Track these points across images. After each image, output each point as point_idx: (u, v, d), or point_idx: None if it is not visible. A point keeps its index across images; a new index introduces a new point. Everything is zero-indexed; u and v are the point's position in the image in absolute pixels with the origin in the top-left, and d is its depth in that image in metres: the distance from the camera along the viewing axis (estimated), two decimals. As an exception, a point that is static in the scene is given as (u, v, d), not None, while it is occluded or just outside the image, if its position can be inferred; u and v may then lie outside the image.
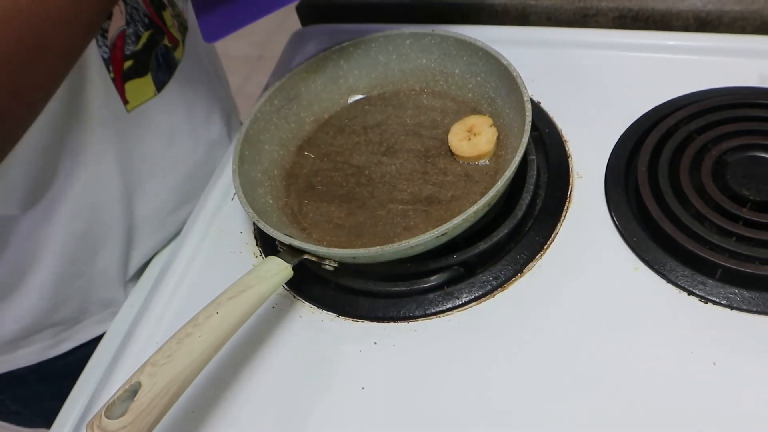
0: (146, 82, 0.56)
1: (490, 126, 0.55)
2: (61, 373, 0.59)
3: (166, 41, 0.58)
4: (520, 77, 0.52)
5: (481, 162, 0.54)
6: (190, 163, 0.65)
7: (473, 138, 0.54)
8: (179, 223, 0.63)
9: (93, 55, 0.50)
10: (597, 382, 0.42)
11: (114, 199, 0.57)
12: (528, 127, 0.48)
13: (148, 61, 0.56)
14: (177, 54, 0.60)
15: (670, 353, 0.43)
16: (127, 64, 0.54)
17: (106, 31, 0.51)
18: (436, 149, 0.56)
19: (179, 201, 0.65)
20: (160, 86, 0.58)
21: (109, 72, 0.52)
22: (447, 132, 0.56)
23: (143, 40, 0.55)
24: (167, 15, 0.58)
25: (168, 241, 0.66)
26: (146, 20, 0.55)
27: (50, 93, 0.41)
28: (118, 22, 0.53)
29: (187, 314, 0.42)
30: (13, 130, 0.40)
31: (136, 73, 0.55)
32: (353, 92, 0.63)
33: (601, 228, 0.50)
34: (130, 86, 0.55)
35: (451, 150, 0.55)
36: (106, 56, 0.52)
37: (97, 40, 0.50)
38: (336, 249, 0.46)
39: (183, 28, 0.62)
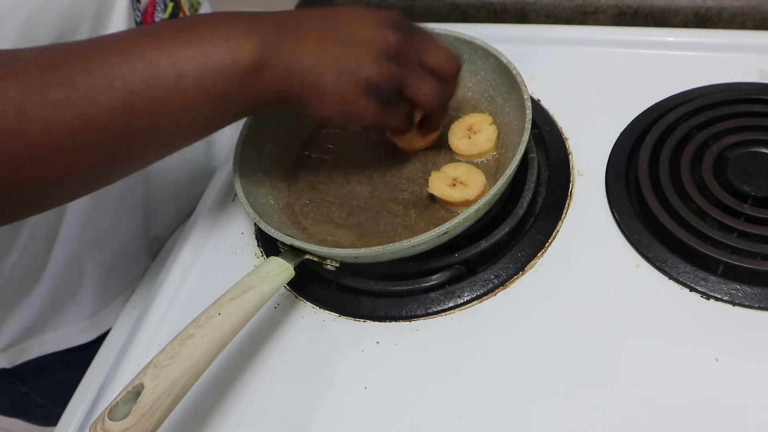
0: None
1: (490, 124, 0.54)
2: (86, 361, 0.60)
3: (181, 16, 0.60)
4: (520, 75, 0.52)
5: (482, 160, 0.54)
6: (207, 138, 0.66)
7: (473, 136, 0.54)
8: (196, 197, 0.64)
9: (128, 18, 0.51)
10: (599, 378, 0.42)
11: None
12: (528, 125, 0.48)
13: None
14: None
15: (672, 349, 0.43)
16: None
17: None
18: (437, 148, 0.56)
19: (195, 173, 0.66)
20: None
21: None
22: (447, 130, 0.56)
23: (169, 10, 0.57)
24: None
25: (185, 215, 0.67)
26: None
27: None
28: None
29: (189, 315, 0.42)
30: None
31: None
32: (353, 92, 0.63)
33: (602, 225, 0.50)
34: None
35: (451, 149, 0.55)
36: (138, 20, 0.53)
37: (132, 2, 0.52)
38: (337, 249, 0.46)
39: (193, 9, 0.63)
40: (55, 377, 0.66)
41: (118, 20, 0.52)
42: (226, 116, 0.43)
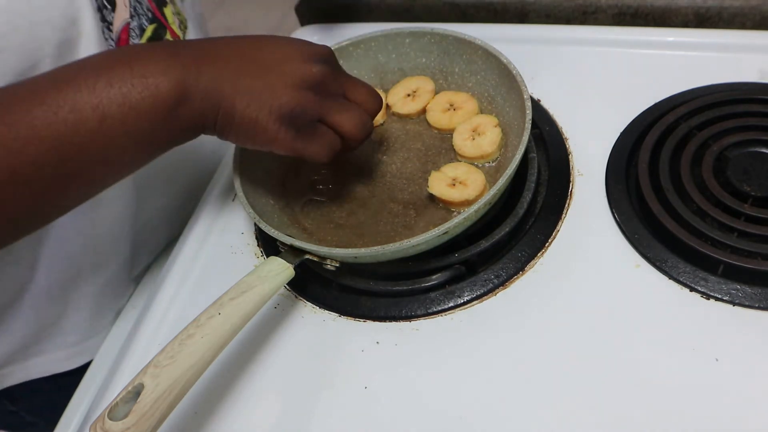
0: None
1: (495, 126, 0.54)
2: (76, 383, 0.59)
3: (168, 36, 0.58)
4: (520, 75, 0.52)
5: (484, 163, 0.54)
6: (197, 161, 0.65)
7: (477, 138, 0.54)
8: (183, 222, 0.63)
9: (101, 48, 0.50)
10: (599, 379, 0.42)
11: (123, 196, 0.57)
12: (528, 125, 0.48)
13: None
14: None
15: (672, 350, 0.43)
16: None
17: (111, 23, 0.51)
18: (437, 148, 0.56)
19: (187, 198, 0.65)
20: None
21: None
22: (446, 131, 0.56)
23: (147, 33, 0.55)
24: (168, 11, 0.59)
25: (173, 240, 0.67)
26: (150, 14, 0.56)
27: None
28: (122, 15, 0.53)
29: (189, 315, 0.42)
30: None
31: None
32: (353, 92, 0.63)
33: (603, 225, 0.50)
34: None
35: (454, 149, 0.55)
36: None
37: (103, 32, 0.51)
38: (337, 249, 0.46)
39: (183, 26, 0.62)
40: (45, 398, 0.65)
41: (87, 53, 0.49)
42: (153, 150, 0.43)
